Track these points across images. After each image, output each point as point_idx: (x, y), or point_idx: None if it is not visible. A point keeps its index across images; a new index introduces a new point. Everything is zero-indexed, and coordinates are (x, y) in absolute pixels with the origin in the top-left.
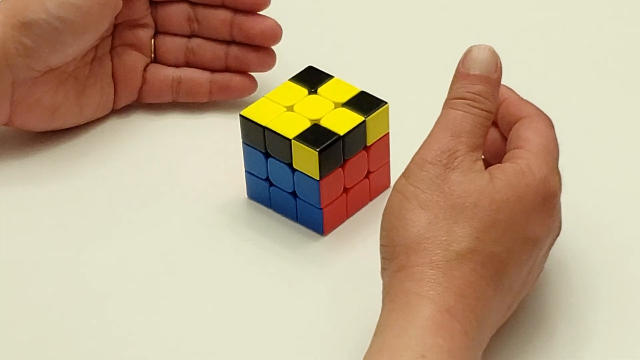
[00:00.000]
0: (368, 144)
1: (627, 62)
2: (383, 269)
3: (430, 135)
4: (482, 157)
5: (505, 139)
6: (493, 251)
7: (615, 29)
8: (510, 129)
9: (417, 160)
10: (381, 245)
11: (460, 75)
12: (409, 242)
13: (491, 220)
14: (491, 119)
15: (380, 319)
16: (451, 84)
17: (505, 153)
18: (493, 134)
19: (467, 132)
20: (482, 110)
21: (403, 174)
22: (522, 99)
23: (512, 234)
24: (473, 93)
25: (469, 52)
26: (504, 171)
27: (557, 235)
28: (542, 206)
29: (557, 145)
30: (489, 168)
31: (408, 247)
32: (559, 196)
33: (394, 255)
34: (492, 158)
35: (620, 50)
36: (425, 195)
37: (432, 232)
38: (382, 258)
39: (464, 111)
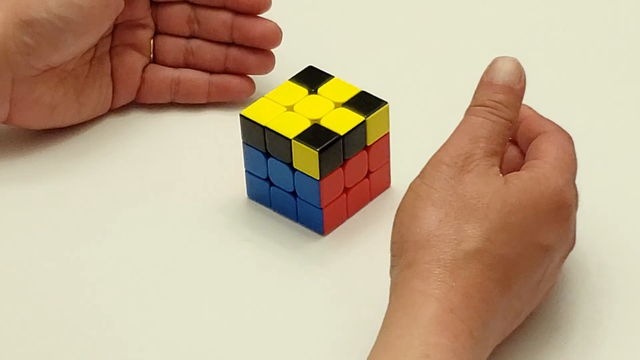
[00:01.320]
0: (368, 144)
1: (628, 62)
2: (392, 267)
3: (448, 139)
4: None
5: (524, 156)
6: (502, 254)
7: (615, 29)
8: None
9: (433, 162)
10: (392, 242)
11: (484, 84)
12: (418, 238)
13: (502, 222)
14: (512, 129)
15: (385, 316)
16: (474, 93)
17: None
18: (512, 151)
19: (486, 137)
20: (503, 118)
21: (419, 175)
22: (542, 117)
23: (522, 238)
24: (494, 101)
25: (494, 62)
26: (519, 177)
27: (571, 248)
28: (556, 215)
29: (575, 160)
30: (506, 175)
31: (417, 243)
32: (574, 209)
33: (403, 252)
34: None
35: (620, 50)
36: (438, 195)
37: (442, 230)
38: (392, 255)
39: (483, 117)
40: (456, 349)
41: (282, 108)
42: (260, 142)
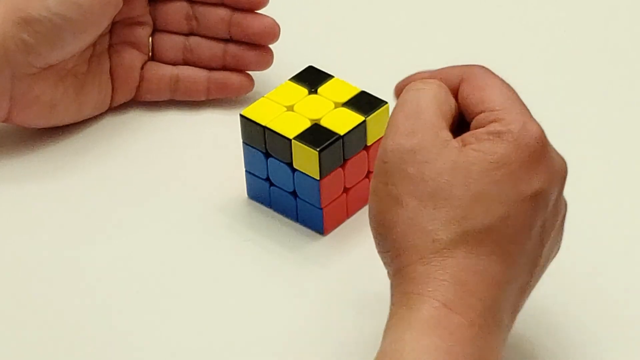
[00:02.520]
0: (368, 144)
1: (628, 62)
2: (387, 273)
3: (387, 123)
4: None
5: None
6: (485, 224)
7: (615, 29)
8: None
9: (379, 153)
10: (378, 253)
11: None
12: (395, 244)
13: (471, 195)
14: (446, 88)
15: (386, 322)
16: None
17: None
18: None
19: (424, 107)
20: (434, 84)
21: (373, 174)
22: (449, 67)
23: (502, 201)
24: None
25: None
26: (477, 138)
27: (564, 176)
28: (530, 157)
29: (513, 89)
30: (461, 137)
31: (396, 249)
32: (545, 137)
33: (389, 261)
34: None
35: (620, 50)
36: (396, 189)
37: (414, 227)
38: (383, 263)
39: (414, 90)
40: (450, 347)
41: (282, 108)
42: (260, 142)
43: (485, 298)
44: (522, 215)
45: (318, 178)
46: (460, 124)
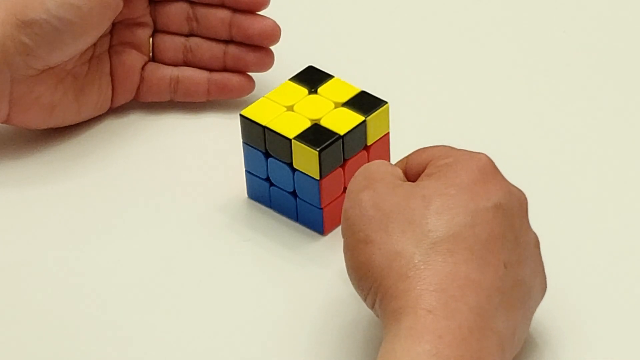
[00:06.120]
0: (368, 144)
1: (628, 62)
2: (375, 313)
3: (346, 193)
4: None
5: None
6: (452, 233)
7: (615, 29)
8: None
9: (342, 217)
10: (363, 300)
11: None
12: (376, 275)
13: (431, 211)
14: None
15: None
16: None
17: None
18: None
19: (375, 168)
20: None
21: (341, 218)
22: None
23: (462, 211)
24: None
25: None
26: (427, 174)
27: (525, 204)
28: (482, 175)
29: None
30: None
31: (378, 280)
32: (494, 164)
33: (372, 296)
34: None
35: (620, 50)
36: (363, 233)
37: (388, 253)
38: (370, 307)
39: (363, 166)
40: (440, 350)
41: (282, 108)
42: (260, 142)
43: (470, 302)
44: (488, 224)
45: (318, 178)
46: None
